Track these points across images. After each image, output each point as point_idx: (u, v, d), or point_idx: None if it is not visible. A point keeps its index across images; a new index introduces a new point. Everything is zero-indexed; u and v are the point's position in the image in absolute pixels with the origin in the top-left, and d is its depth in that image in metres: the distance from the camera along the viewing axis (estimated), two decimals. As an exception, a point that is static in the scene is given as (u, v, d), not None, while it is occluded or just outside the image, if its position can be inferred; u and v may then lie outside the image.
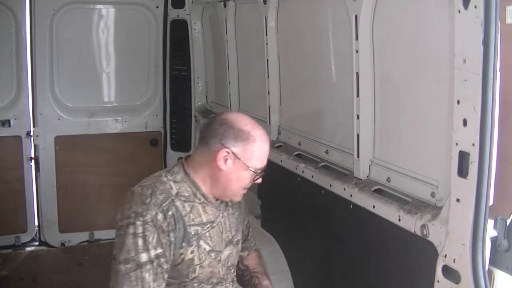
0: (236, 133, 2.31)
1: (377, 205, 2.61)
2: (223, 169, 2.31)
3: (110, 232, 5.31)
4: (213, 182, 2.37)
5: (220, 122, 2.35)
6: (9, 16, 4.85)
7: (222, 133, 2.31)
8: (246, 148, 2.31)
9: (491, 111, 1.83)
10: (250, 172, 2.34)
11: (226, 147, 2.29)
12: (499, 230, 2.04)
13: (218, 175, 2.34)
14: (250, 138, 2.32)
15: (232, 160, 2.31)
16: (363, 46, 2.73)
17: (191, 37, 5.23)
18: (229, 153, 2.29)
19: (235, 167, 2.32)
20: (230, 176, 2.34)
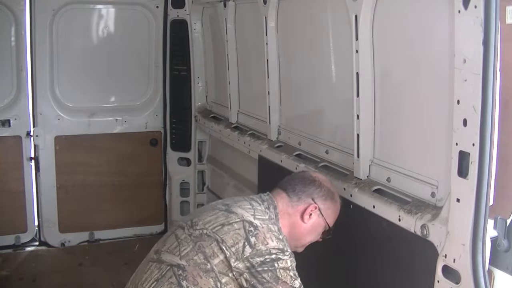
0: (325, 191, 2.58)
1: (377, 205, 2.61)
2: (306, 222, 2.54)
3: (110, 232, 5.38)
4: (291, 231, 2.53)
5: (311, 179, 2.60)
6: (9, 16, 4.84)
7: (313, 190, 2.56)
8: (329, 207, 2.58)
9: (491, 111, 1.83)
10: (323, 229, 2.59)
11: (316, 203, 2.54)
12: (499, 230, 2.04)
13: (298, 226, 2.54)
14: (334, 198, 2.61)
15: (317, 216, 2.55)
16: (363, 46, 2.73)
17: (191, 37, 5.22)
18: (316, 209, 2.54)
19: (316, 222, 2.56)
20: (308, 229, 2.56)
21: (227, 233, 2.34)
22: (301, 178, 2.63)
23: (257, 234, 2.32)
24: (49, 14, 4.90)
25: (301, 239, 2.57)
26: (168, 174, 5.50)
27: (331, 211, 2.58)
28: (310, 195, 2.55)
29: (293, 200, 2.55)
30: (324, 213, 2.55)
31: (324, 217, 2.56)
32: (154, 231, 5.54)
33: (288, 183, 2.63)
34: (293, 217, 2.54)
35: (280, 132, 3.88)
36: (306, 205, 2.53)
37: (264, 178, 3.93)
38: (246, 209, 2.44)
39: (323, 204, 2.55)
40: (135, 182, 5.39)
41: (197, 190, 5.49)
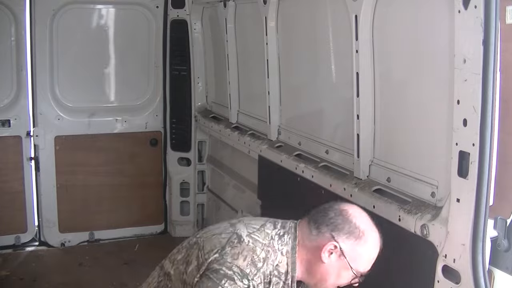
0: (351, 229, 2.14)
1: (377, 205, 2.61)
2: (325, 261, 2.15)
3: (110, 232, 5.38)
4: (310, 270, 2.21)
5: (338, 212, 2.19)
6: (9, 16, 4.84)
7: (336, 225, 2.15)
8: (356, 248, 2.14)
9: (491, 111, 1.83)
10: (351, 273, 2.16)
11: (335, 240, 2.13)
12: (499, 230, 2.04)
13: (317, 265, 2.18)
14: (363, 238, 2.14)
15: (338, 255, 2.15)
16: (363, 46, 2.73)
17: (191, 37, 5.22)
18: (336, 248, 2.13)
19: (338, 263, 2.15)
20: (329, 270, 2.17)
21: (211, 242, 2.15)
22: (327, 209, 2.23)
23: (235, 247, 2.09)
24: (49, 14, 4.90)
25: (322, 280, 2.20)
26: (168, 174, 5.50)
27: (357, 254, 2.14)
28: (330, 230, 2.15)
29: (313, 233, 2.18)
30: (347, 255, 2.13)
31: (348, 260, 2.13)
32: (154, 231, 5.54)
33: (315, 211, 2.26)
34: (311, 252, 2.19)
35: (280, 132, 3.88)
36: (325, 241, 2.15)
37: (264, 178, 3.93)
38: (249, 226, 2.20)
39: (344, 243, 2.13)
40: (135, 182, 5.39)
41: (197, 190, 5.49)
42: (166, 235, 5.55)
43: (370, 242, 2.16)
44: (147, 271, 5.00)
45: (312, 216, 2.23)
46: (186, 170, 5.46)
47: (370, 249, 2.16)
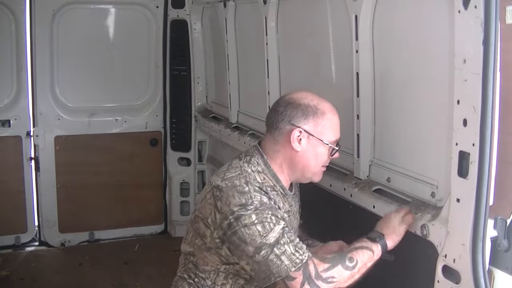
0: (304, 110, 2.27)
1: (377, 205, 2.61)
2: (298, 150, 2.28)
3: (110, 232, 5.38)
4: (291, 166, 2.33)
5: (285, 104, 2.30)
6: (9, 16, 4.84)
7: (290, 114, 2.27)
8: (317, 123, 2.28)
9: (491, 111, 1.83)
10: (326, 147, 2.30)
11: (297, 126, 2.26)
12: (499, 230, 2.04)
13: (295, 158, 2.30)
14: (318, 112, 2.28)
15: (306, 138, 2.27)
16: (363, 46, 2.73)
17: (191, 37, 5.22)
18: (301, 132, 2.26)
19: (310, 145, 2.29)
20: (307, 155, 2.30)
21: (204, 207, 2.25)
22: (274, 108, 2.34)
23: (221, 196, 2.18)
24: (49, 14, 4.90)
25: (305, 168, 2.33)
26: (168, 174, 5.50)
27: (321, 126, 2.28)
28: (288, 121, 2.27)
29: (275, 134, 2.31)
30: (313, 132, 2.27)
31: (316, 137, 2.27)
32: (154, 231, 5.55)
33: (267, 118, 2.38)
34: (283, 152, 2.31)
35: (280, 132, 3.87)
36: (288, 133, 2.27)
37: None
38: (219, 173, 2.30)
39: (306, 124, 2.26)
40: (135, 182, 5.39)
41: (197, 190, 5.48)
42: (166, 235, 5.55)
43: (326, 111, 2.30)
44: (147, 271, 5.05)
45: (267, 125, 2.36)
46: (186, 170, 5.46)
47: (329, 117, 2.30)
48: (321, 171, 2.40)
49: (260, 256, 2.09)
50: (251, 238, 2.10)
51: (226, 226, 2.15)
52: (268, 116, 2.37)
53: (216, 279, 2.32)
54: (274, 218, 2.12)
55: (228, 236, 2.16)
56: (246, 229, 2.10)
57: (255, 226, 2.10)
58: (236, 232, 2.12)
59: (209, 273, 2.32)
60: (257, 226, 2.10)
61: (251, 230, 2.10)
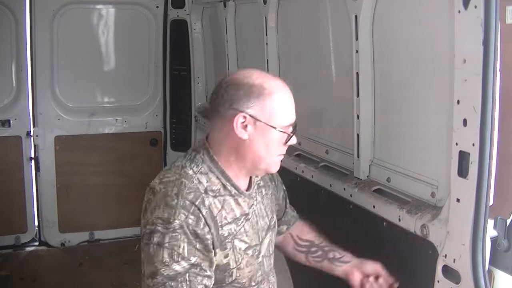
0: (247, 91, 1.90)
1: (377, 205, 2.61)
2: (244, 138, 1.92)
3: (110, 232, 5.38)
4: (239, 158, 1.98)
5: (225, 85, 1.94)
6: (9, 16, 4.84)
7: (231, 97, 1.91)
8: (264, 106, 1.91)
9: (491, 111, 1.82)
10: (278, 133, 1.94)
11: (240, 111, 1.90)
12: (499, 230, 2.04)
13: (242, 147, 1.95)
14: (265, 92, 1.91)
15: (252, 125, 1.91)
16: (363, 46, 2.73)
17: (191, 37, 5.22)
18: (246, 118, 1.90)
19: (258, 132, 1.93)
20: (255, 144, 1.94)
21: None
22: (216, 90, 1.98)
23: (151, 201, 1.94)
24: (49, 14, 4.90)
25: (256, 159, 1.97)
26: (168, 174, 5.49)
27: (269, 110, 1.91)
28: (229, 106, 1.91)
29: (217, 122, 1.97)
30: (260, 117, 1.90)
31: (264, 122, 1.90)
32: (154, 231, 5.54)
33: (209, 103, 2.04)
34: (229, 142, 1.96)
35: (280, 132, 3.87)
36: (231, 119, 1.90)
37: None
38: (161, 173, 2.02)
39: (250, 107, 1.89)
40: (135, 182, 5.37)
41: (197, 190, 5.48)
42: (166, 235, 5.54)
43: (275, 91, 1.93)
44: (147, 271, 4.98)
45: (210, 111, 2.01)
46: (186, 170, 5.45)
47: (278, 97, 1.94)
48: (278, 161, 2.04)
49: (151, 282, 1.85)
50: (154, 259, 1.85)
51: (142, 234, 1.93)
52: (210, 101, 2.03)
53: None
54: (186, 250, 1.84)
55: (142, 243, 1.94)
56: (154, 247, 1.85)
57: (163, 249, 1.84)
58: (147, 245, 1.88)
59: None
60: (164, 251, 1.83)
61: (159, 251, 1.84)
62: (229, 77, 1.98)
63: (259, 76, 1.96)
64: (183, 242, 1.84)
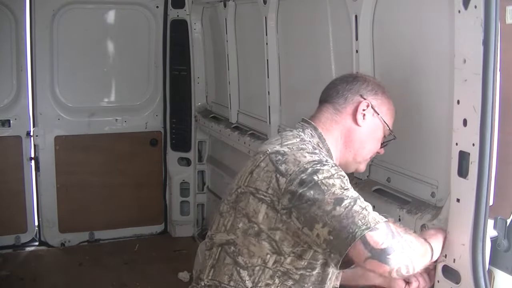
0: (374, 85, 2.18)
1: (377, 205, 2.60)
2: (360, 125, 2.13)
3: (110, 232, 5.38)
4: (347, 143, 2.14)
5: (351, 78, 2.20)
6: (9, 16, 4.84)
7: (360, 86, 2.15)
8: (383, 103, 2.17)
9: (491, 111, 1.82)
10: (382, 133, 2.19)
11: (365, 99, 2.13)
12: (499, 230, 2.04)
13: (354, 133, 2.13)
14: (384, 91, 2.20)
15: (371, 115, 2.14)
16: (363, 46, 2.73)
17: (191, 37, 5.22)
18: (368, 106, 2.12)
19: (372, 123, 2.15)
20: (366, 134, 2.15)
21: (257, 178, 1.92)
22: (341, 79, 2.21)
23: (286, 159, 1.90)
24: (49, 14, 4.90)
25: (360, 148, 2.15)
26: (168, 174, 5.50)
27: (386, 108, 2.18)
28: (357, 92, 2.13)
29: (339, 103, 2.13)
30: (379, 110, 2.14)
31: (380, 115, 2.15)
32: (154, 231, 5.55)
33: (328, 89, 2.21)
34: (343, 124, 2.13)
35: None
36: (355, 104, 2.12)
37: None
38: (272, 142, 2.05)
39: (374, 99, 2.14)
40: (135, 182, 5.40)
41: (197, 190, 5.49)
42: (166, 235, 5.55)
43: (387, 94, 2.22)
44: (147, 271, 5.04)
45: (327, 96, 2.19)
46: (186, 170, 5.46)
47: (390, 100, 2.22)
48: (368, 160, 2.26)
49: (342, 208, 1.79)
50: (330, 190, 1.81)
51: (297, 185, 1.83)
52: (329, 88, 2.22)
53: (260, 278, 1.95)
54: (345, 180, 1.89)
55: (298, 197, 1.82)
56: (324, 181, 1.82)
57: (333, 179, 1.84)
58: (311, 188, 1.81)
59: (252, 269, 1.95)
60: (336, 180, 1.84)
61: (331, 181, 1.83)
62: (349, 74, 2.28)
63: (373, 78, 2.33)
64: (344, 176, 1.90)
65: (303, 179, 1.84)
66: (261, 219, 1.91)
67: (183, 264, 4.67)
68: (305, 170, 1.85)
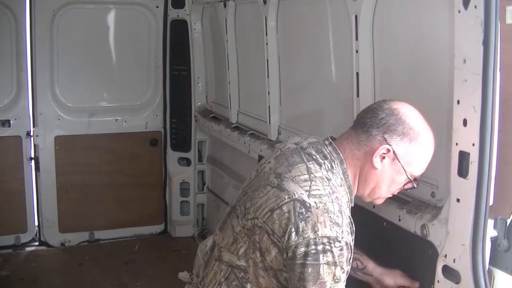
0: (405, 130, 1.97)
1: (377, 205, 2.60)
2: (377, 167, 2.00)
3: (110, 232, 5.38)
4: (363, 179, 2.06)
5: (389, 111, 1.99)
6: (9, 16, 4.84)
7: (388, 126, 1.97)
8: (410, 151, 1.98)
9: (491, 111, 1.83)
10: (404, 177, 2.03)
11: (388, 143, 1.96)
12: (499, 230, 2.04)
13: (370, 172, 2.02)
14: (418, 139, 1.98)
15: (391, 160, 1.99)
16: (363, 46, 2.73)
17: (191, 37, 5.22)
18: (389, 151, 1.97)
19: (391, 168, 2.01)
20: (382, 177, 2.03)
21: (276, 221, 1.90)
22: (376, 109, 2.00)
23: (307, 217, 1.85)
24: (49, 14, 4.90)
25: (375, 188, 2.06)
26: (168, 174, 5.50)
27: (412, 157, 1.98)
28: (382, 132, 1.96)
29: (362, 138, 2.00)
30: (401, 159, 1.97)
31: (402, 164, 1.97)
32: (154, 231, 5.55)
33: (360, 116, 2.05)
34: (363, 162, 2.01)
35: (280, 132, 3.88)
36: (376, 145, 1.97)
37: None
38: (301, 182, 1.93)
39: (398, 146, 1.96)
40: (135, 182, 5.39)
41: (197, 190, 5.49)
42: (166, 235, 5.55)
43: (425, 143, 2.00)
44: (147, 271, 5.04)
45: (360, 119, 2.04)
46: (186, 170, 5.46)
47: (425, 150, 2.01)
48: (386, 197, 2.17)
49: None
50: (323, 279, 1.85)
51: (302, 253, 1.85)
52: (363, 115, 2.06)
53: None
54: (345, 265, 1.90)
55: (296, 264, 1.87)
56: (325, 267, 1.84)
57: (334, 266, 1.85)
58: (310, 266, 1.84)
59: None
60: (336, 269, 1.86)
61: (330, 269, 1.85)
62: (393, 105, 2.02)
63: (420, 121, 2.02)
64: (347, 258, 1.90)
65: (310, 252, 1.85)
66: (270, 259, 1.95)
67: (183, 264, 4.67)
68: (316, 244, 1.84)
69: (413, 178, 2.06)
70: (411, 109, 2.04)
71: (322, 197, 1.91)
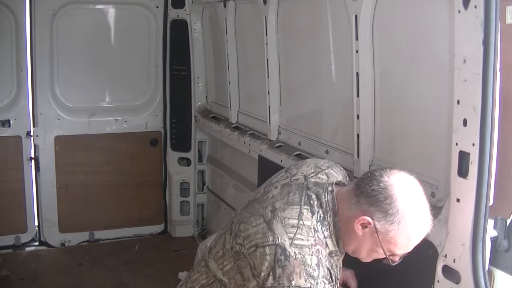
0: (390, 210, 1.91)
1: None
2: (358, 233, 1.99)
3: (110, 232, 5.38)
4: (347, 237, 2.05)
5: (384, 185, 1.94)
6: (9, 16, 4.84)
7: (376, 200, 1.93)
8: (390, 231, 1.93)
9: (491, 111, 1.83)
10: (382, 250, 2.00)
11: (370, 216, 1.94)
12: (499, 230, 2.04)
13: (352, 235, 2.02)
14: (402, 223, 1.91)
15: (371, 231, 1.96)
16: (363, 46, 2.73)
17: (191, 37, 5.22)
18: (370, 224, 1.95)
19: (371, 239, 1.99)
20: (363, 243, 2.02)
21: (258, 259, 1.97)
22: (375, 177, 1.97)
23: (285, 266, 1.91)
24: (49, 14, 4.90)
25: (356, 250, 2.08)
26: (168, 174, 5.50)
27: (391, 238, 1.94)
28: (368, 204, 1.94)
29: (353, 201, 2.01)
30: (380, 235, 1.94)
31: (380, 240, 1.95)
32: (154, 231, 5.55)
33: (362, 177, 2.08)
34: (351, 224, 2.01)
35: (280, 132, 3.88)
36: (359, 213, 1.97)
37: (264, 178, 3.91)
38: (288, 227, 1.98)
39: (379, 221, 1.93)
40: (135, 182, 5.39)
41: (197, 190, 5.49)
42: (166, 235, 5.55)
43: (411, 227, 1.93)
44: (147, 271, 5.03)
45: (360, 181, 2.04)
46: (186, 170, 5.46)
47: (410, 234, 1.94)
48: (370, 260, 2.15)
49: None
50: None
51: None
52: (363, 177, 2.05)
53: None
54: None
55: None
56: None
57: None
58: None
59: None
60: None
61: None
62: (392, 180, 1.95)
63: (413, 203, 1.94)
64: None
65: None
66: (251, 286, 2.02)
67: (183, 264, 4.67)
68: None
69: (392, 255, 2.01)
70: (409, 188, 1.97)
71: (303, 248, 1.95)
